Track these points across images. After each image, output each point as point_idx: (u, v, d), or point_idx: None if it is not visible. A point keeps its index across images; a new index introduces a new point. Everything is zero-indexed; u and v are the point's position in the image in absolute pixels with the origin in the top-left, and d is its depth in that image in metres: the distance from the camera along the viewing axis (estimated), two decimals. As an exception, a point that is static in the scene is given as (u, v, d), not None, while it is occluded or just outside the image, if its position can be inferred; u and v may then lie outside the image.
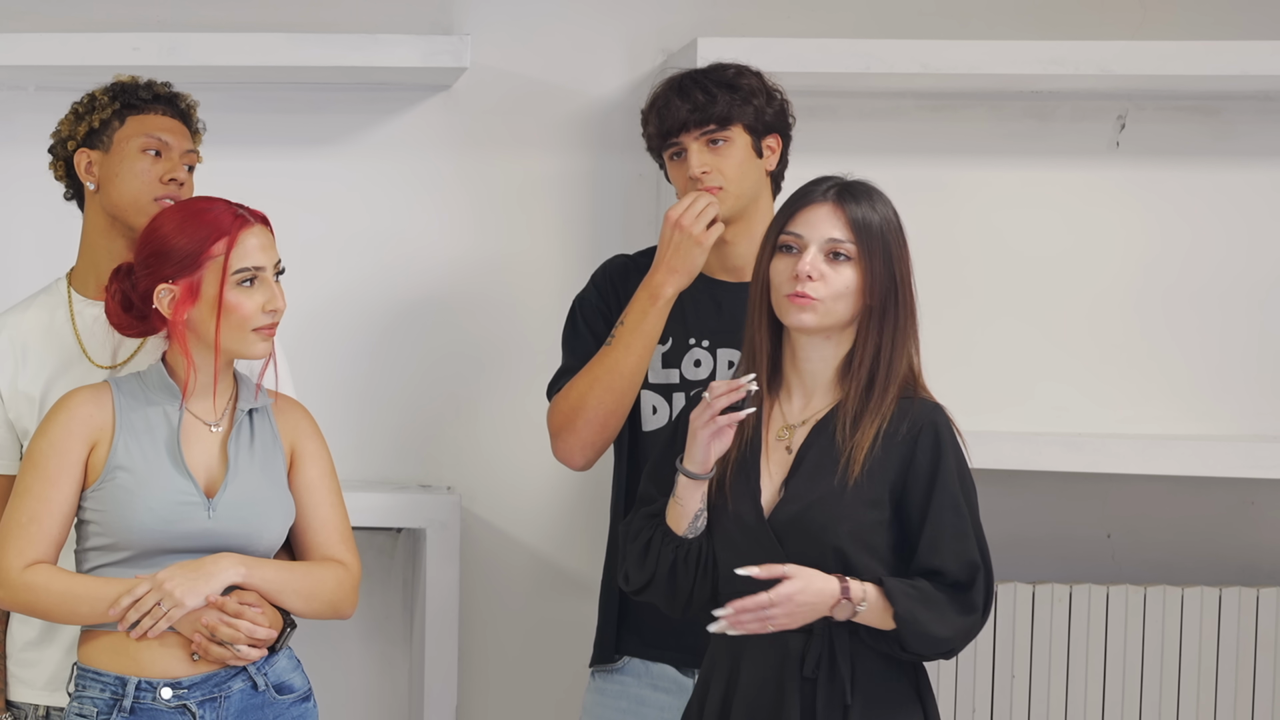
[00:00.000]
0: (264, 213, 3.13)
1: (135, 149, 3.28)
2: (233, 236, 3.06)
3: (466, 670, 4.14)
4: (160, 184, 3.28)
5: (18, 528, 3.03)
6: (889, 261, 2.95)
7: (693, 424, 2.94)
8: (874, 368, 2.96)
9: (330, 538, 3.15)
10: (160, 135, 3.30)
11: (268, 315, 3.06)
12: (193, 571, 2.99)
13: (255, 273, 3.06)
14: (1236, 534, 4.30)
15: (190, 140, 3.35)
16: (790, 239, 2.97)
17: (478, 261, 4.20)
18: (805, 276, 2.92)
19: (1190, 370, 4.26)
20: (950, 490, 2.93)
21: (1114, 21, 4.22)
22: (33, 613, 3.05)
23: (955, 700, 4.12)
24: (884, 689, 2.94)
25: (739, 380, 2.91)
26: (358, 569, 3.16)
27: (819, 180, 3.02)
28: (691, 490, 2.97)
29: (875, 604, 2.89)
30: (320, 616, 3.13)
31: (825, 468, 2.95)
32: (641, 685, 3.42)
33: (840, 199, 2.97)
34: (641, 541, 3.03)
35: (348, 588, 3.14)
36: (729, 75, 3.38)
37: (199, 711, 3.02)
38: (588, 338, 3.44)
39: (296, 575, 3.10)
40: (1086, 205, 4.24)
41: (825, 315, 2.94)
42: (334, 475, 3.19)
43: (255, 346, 3.07)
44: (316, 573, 3.12)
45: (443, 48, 3.97)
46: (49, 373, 3.27)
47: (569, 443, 3.40)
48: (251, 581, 3.03)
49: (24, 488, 3.05)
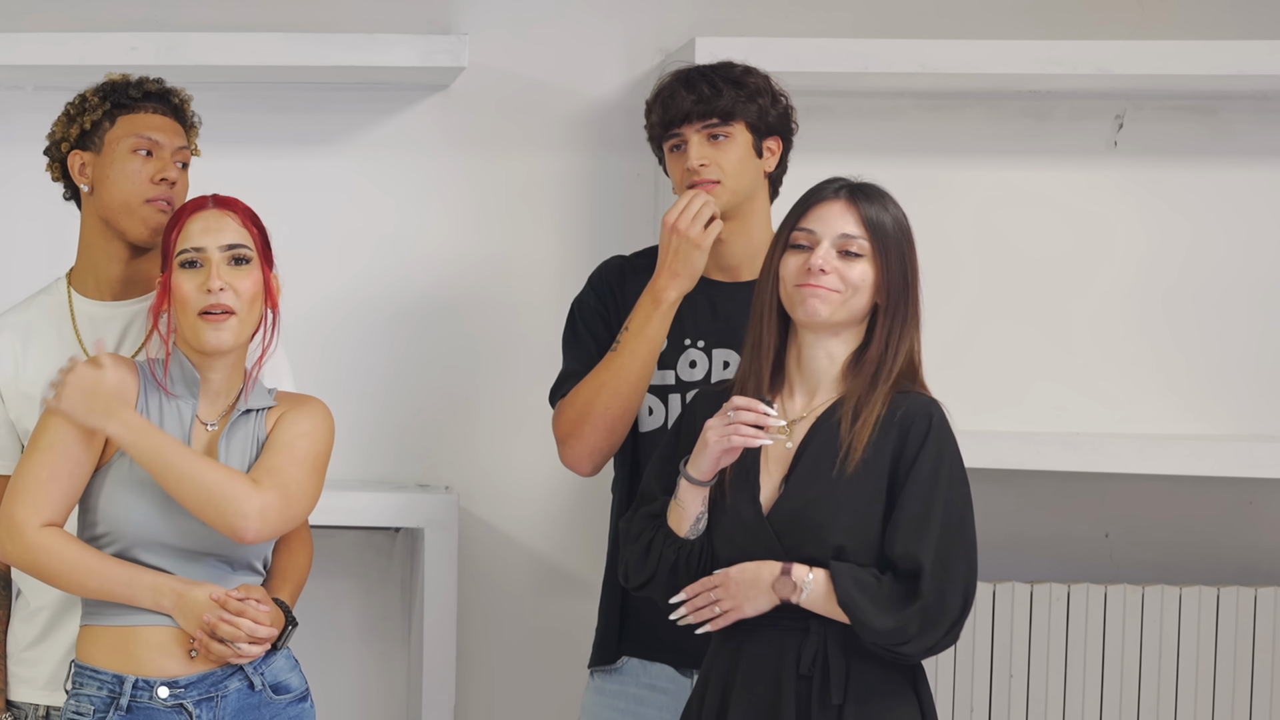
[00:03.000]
0: (239, 200, 3.10)
1: (126, 150, 3.25)
2: (180, 224, 3.05)
3: (464, 670, 4.14)
4: (151, 184, 3.24)
5: (36, 484, 2.99)
6: (902, 261, 2.97)
7: (707, 434, 2.94)
8: (880, 366, 2.97)
9: (256, 468, 3.02)
10: (150, 134, 3.26)
11: (205, 296, 3.01)
12: (91, 397, 2.97)
13: (195, 254, 3.03)
14: (1235, 534, 4.30)
15: (183, 136, 3.31)
16: (803, 235, 2.98)
17: (476, 261, 4.20)
18: (818, 270, 2.94)
19: (1188, 370, 4.26)
20: (922, 481, 2.92)
21: (1112, 21, 4.22)
22: (38, 574, 3.01)
23: (954, 700, 4.12)
24: (880, 687, 2.94)
25: (767, 410, 2.91)
26: (271, 497, 2.99)
27: (830, 180, 3.04)
28: (693, 494, 2.98)
29: (821, 586, 2.89)
30: (203, 515, 2.96)
31: (824, 464, 2.95)
32: (640, 685, 3.42)
33: (853, 197, 2.99)
34: (643, 542, 3.03)
35: (239, 493, 2.95)
36: (736, 72, 3.39)
37: (195, 711, 3.01)
38: (588, 341, 3.44)
39: (181, 456, 2.96)
40: (1084, 205, 4.24)
41: (838, 308, 2.95)
42: (305, 439, 3.08)
43: (202, 336, 3.02)
44: (206, 464, 2.98)
45: (441, 47, 3.97)
46: (49, 372, 3.26)
47: (576, 449, 3.39)
48: (125, 441, 2.95)
49: (46, 444, 3.01)
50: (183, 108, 3.33)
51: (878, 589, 2.89)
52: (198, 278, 3.03)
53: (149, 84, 3.31)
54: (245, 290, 3.04)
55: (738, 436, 2.90)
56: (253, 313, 3.07)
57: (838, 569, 2.89)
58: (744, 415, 2.90)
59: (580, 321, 3.47)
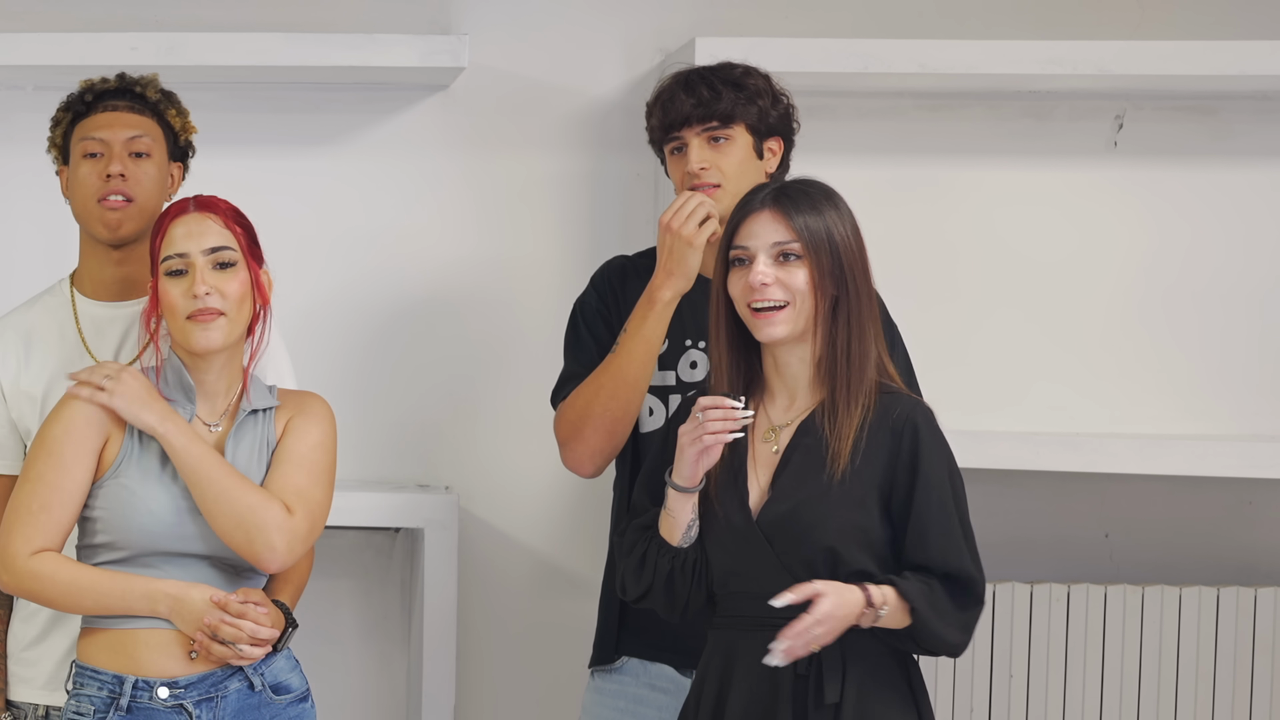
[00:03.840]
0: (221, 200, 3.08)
1: (79, 156, 3.27)
2: (163, 229, 3.06)
3: (464, 670, 4.14)
4: (100, 182, 3.24)
5: (28, 514, 3.01)
6: (835, 252, 2.96)
7: (681, 440, 2.95)
8: (840, 359, 2.96)
9: (281, 490, 3.03)
10: (96, 135, 3.26)
11: (191, 302, 3.01)
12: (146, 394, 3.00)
13: (180, 261, 3.03)
14: (1234, 534, 4.30)
15: (140, 124, 3.28)
16: (739, 252, 2.98)
17: (476, 261, 4.20)
18: (760, 285, 2.94)
19: (1188, 370, 4.26)
20: (935, 486, 2.93)
21: (1112, 21, 4.22)
22: (36, 599, 3.04)
23: (953, 700, 4.12)
24: (878, 686, 2.94)
25: (731, 403, 2.91)
26: (302, 527, 3.02)
27: (756, 188, 3.04)
28: (682, 502, 2.98)
29: (894, 606, 2.90)
30: (230, 538, 2.99)
31: (811, 466, 2.95)
32: (640, 685, 3.41)
33: (777, 202, 2.98)
34: (637, 555, 3.03)
35: (272, 522, 2.98)
36: (736, 74, 3.38)
37: (195, 711, 3.01)
38: (589, 342, 3.44)
39: (221, 471, 2.98)
40: (1084, 205, 4.24)
41: (794, 321, 2.95)
42: (320, 450, 3.09)
43: (191, 337, 3.02)
44: (245, 486, 2.99)
45: (441, 47, 3.97)
46: (51, 372, 3.27)
47: (577, 451, 3.39)
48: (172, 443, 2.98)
49: (36, 474, 3.02)
50: (144, 94, 3.30)
51: (939, 600, 2.91)
52: (183, 284, 3.03)
53: (99, 84, 3.30)
54: (232, 292, 3.04)
55: (708, 435, 2.91)
56: (242, 312, 3.07)
57: (907, 588, 2.90)
58: (711, 414, 2.91)
59: (582, 322, 3.46)
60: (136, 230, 3.26)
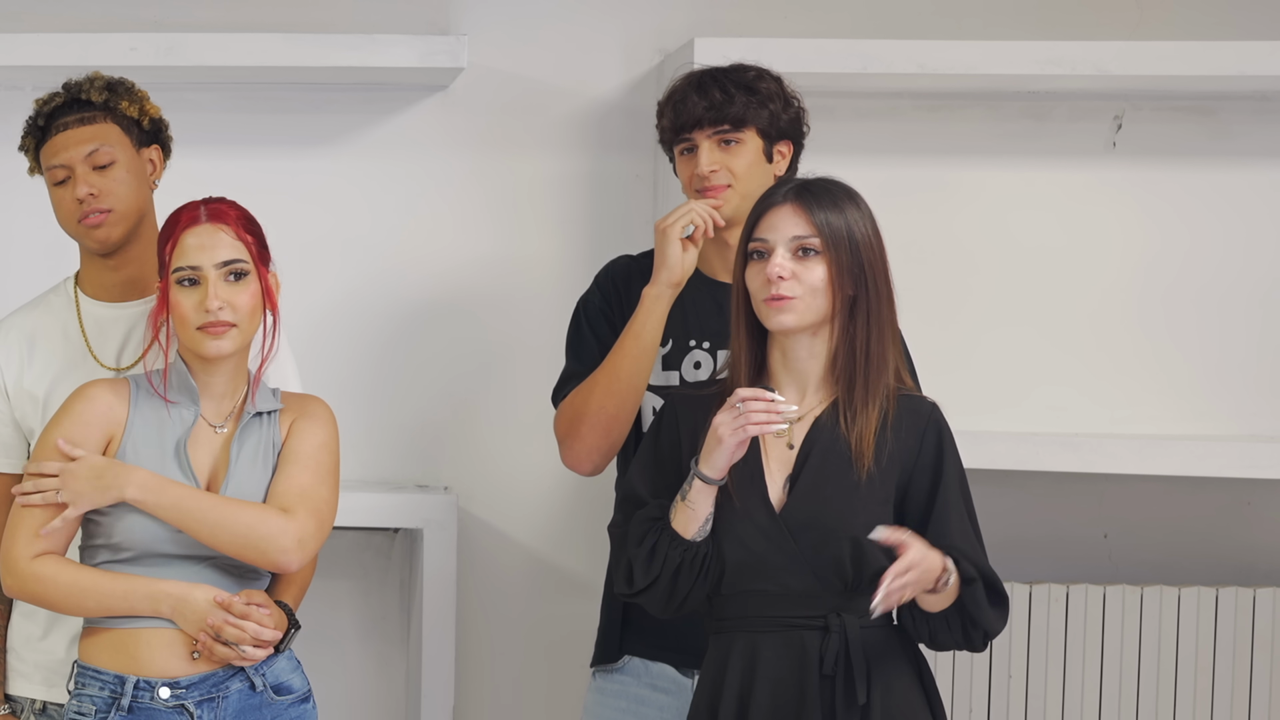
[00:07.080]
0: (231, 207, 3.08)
1: (49, 184, 3.29)
2: (175, 238, 3.06)
3: (463, 670, 4.14)
4: (75, 206, 3.25)
5: (31, 517, 3.02)
6: (855, 250, 2.97)
7: (719, 430, 2.93)
8: (859, 358, 2.98)
9: (285, 491, 3.05)
10: (56, 162, 3.26)
11: (203, 314, 3.03)
12: (96, 479, 2.98)
13: (191, 272, 3.04)
14: (1233, 534, 4.31)
15: (91, 136, 3.25)
16: (758, 245, 3.00)
17: (475, 262, 4.20)
18: (777, 278, 2.95)
19: (1187, 370, 4.26)
20: (956, 491, 2.97)
21: (1110, 22, 4.23)
22: (39, 602, 3.05)
23: (953, 700, 4.12)
24: (899, 685, 2.97)
25: (775, 397, 2.91)
26: (309, 525, 3.03)
27: (780, 182, 3.07)
28: (706, 495, 2.97)
29: (955, 579, 2.93)
30: (242, 556, 3.01)
31: (832, 463, 2.96)
32: (641, 685, 3.41)
33: (799, 197, 2.99)
34: (647, 546, 3.02)
35: (275, 530, 3.00)
36: (749, 77, 3.38)
37: (197, 711, 3.02)
38: (591, 341, 3.44)
39: (207, 504, 3.00)
40: (1083, 205, 4.25)
41: (804, 313, 2.96)
42: (324, 451, 3.11)
43: (203, 345, 3.03)
44: (234, 507, 3.02)
45: (440, 48, 3.97)
46: (54, 372, 3.27)
47: (575, 449, 3.39)
48: (148, 503, 2.98)
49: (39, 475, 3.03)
50: (91, 99, 3.27)
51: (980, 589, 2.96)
52: (195, 295, 3.04)
53: (49, 101, 3.29)
54: (243, 304, 3.05)
55: (752, 425, 2.90)
56: (253, 321, 3.09)
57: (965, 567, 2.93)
58: (753, 405, 2.91)
59: (585, 321, 3.47)
60: (125, 233, 3.27)
